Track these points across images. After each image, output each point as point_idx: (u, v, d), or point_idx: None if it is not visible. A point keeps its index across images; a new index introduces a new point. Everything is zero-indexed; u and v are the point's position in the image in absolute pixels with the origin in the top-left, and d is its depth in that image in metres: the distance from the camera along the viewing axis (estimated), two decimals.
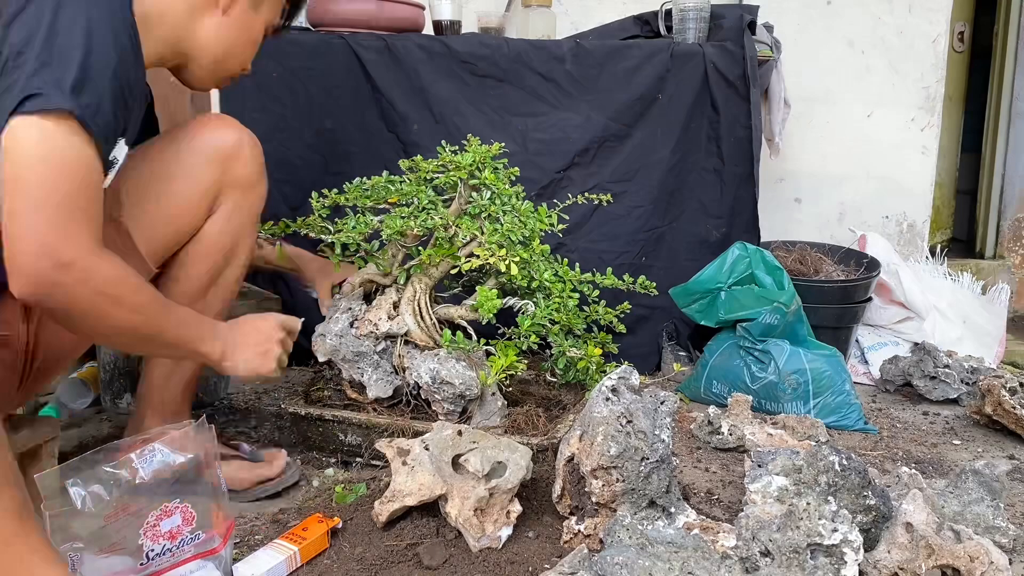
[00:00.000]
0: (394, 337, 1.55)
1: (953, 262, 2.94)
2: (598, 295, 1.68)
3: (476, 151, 1.62)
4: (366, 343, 1.54)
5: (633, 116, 2.14)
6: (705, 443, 1.72)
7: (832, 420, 1.84)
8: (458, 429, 1.30)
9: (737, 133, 2.16)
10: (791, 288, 1.93)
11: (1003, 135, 3.29)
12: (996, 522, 1.21)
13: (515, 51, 2.09)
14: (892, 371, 2.12)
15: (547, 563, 1.19)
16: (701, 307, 2.01)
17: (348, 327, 1.55)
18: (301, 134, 2.09)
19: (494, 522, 1.24)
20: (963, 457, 1.71)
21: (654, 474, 1.20)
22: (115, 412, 1.87)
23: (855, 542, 1.01)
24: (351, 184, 1.63)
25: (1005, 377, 1.85)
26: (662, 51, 2.12)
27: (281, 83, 2.07)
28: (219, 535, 1.11)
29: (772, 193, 2.74)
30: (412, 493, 1.22)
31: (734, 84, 2.13)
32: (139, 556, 1.04)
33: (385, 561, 1.19)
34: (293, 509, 1.39)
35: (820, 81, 2.77)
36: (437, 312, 1.58)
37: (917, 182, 2.85)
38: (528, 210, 1.64)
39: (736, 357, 1.94)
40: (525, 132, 2.12)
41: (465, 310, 1.58)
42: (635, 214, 2.16)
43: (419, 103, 2.09)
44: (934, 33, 2.77)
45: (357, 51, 2.06)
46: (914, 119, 2.82)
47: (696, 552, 1.03)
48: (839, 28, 2.76)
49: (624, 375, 1.31)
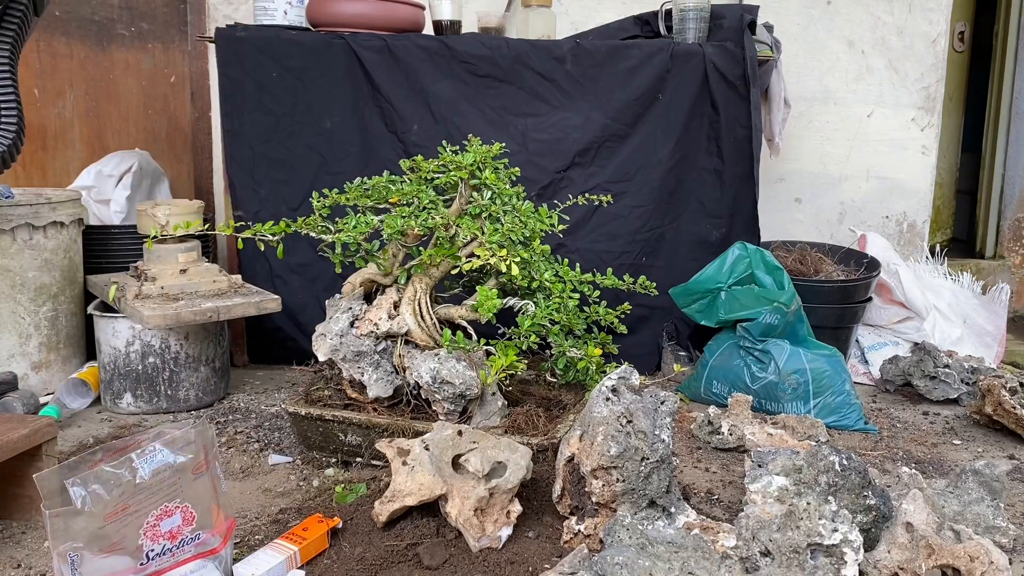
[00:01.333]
0: (394, 337, 1.55)
1: (953, 262, 2.94)
2: (598, 295, 1.68)
3: (477, 151, 1.62)
4: (366, 343, 1.54)
5: (633, 116, 2.14)
6: (705, 443, 1.72)
7: (832, 420, 1.84)
8: (458, 429, 1.30)
9: (737, 133, 2.16)
10: (791, 288, 1.93)
11: (1003, 135, 3.30)
12: (996, 522, 1.21)
13: (515, 51, 2.09)
14: (892, 371, 2.12)
15: (547, 563, 1.19)
16: (701, 307, 2.01)
17: (348, 327, 1.55)
18: (301, 134, 2.09)
19: (494, 522, 1.24)
20: (963, 457, 1.71)
21: (654, 474, 1.20)
22: (115, 412, 1.87)
23: (855, 542, 1.01)
24: (351, 184, 1.63)
25: (1005, 377, 1.85)
26: (662, 51, 2.12)
27: (281, 83, 2.07)
28: (219, 535, 1.10)
29: (772, 193, 2.74)
30: (412, 493, 1.22)
31: (734, 84, 2.13)
32: (139, 556, 1.04)
33: (385, 561, 1.19)
34: (293, 509, 1.39)
35: (820, 81, 2.78)
36: (437, 312, 1.58)
37: (917, 182, 2.85)
38: (528, 210, 1.64)
39: (736, 357, 1.94)
40: (525, 132, 2.12)
41: (465, 310, 1.58)
42: (635, 214, 2.16)
43: (419, 103, 2.09)
44: (934, 33, 2.77)
45: (357, 51, 2.06)
46: (914, 119, 2.82)
47: (696, 552, 1.03)
48: (839, 28, 2.76)
49: (624, 375, 1.31)
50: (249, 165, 2.09)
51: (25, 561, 1.21)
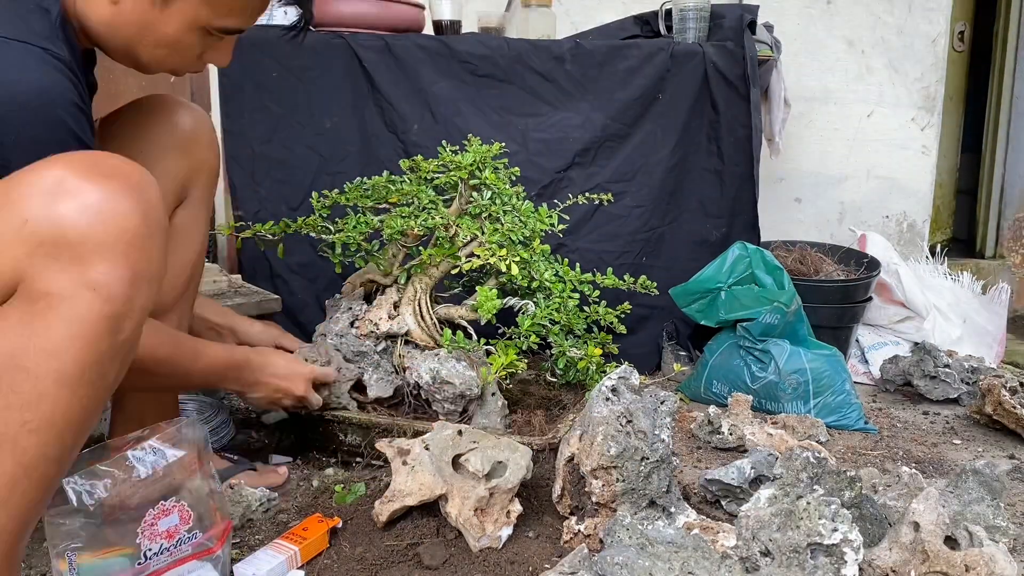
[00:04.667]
0: (394, 337, 1.55)
1: (953, 262, 2.93)
2: (598, 295, 1.68)
3: (477, 151, 1.62)
4: (367, 343, 1.53)
5: (633, 116, 2.14)
6: (705, 443, 1.72)
7: (832, 420, 1.84)
8: (458, 429, 1.29)
9: (737, 133, 2.16)
10: (791, 288, 1.93)
11: (1003, 135, 3.29)
12: (996, 522, 1.21)
13: (515, 51, 2.09)
14: (892, 371, 2.12)
15: (547, 563, 1.19)
16: (701, 307, 2.01)
17: (348, 327, 1.55)
18: (301, 134, 2.09)
19: (494, 522, 1.23)
20: (963, 457, 1.71)
21: (654, 474, 1.19)
22: None
23: (855, 541, 1.00)
24: (351, 184, 1.63)
25: (1005, 377, 1.85)
26: (662, 51, 2.12)
27: (281, 83, 2.07)
28: (216, 536, 1.10)
29: (772, 193, 2.74)
30: (412, 493, 1.22)
31: (734, 84, 2.13)
32: (137, 555, 1.04)
33: (385, 561, 1.19)
34: (293, 509, 1.38)
35: (820, 81, 2.77)
36: (437, 312, 1.58)
37: (917, 182, 2.85)
38: (529, 210, 1.64)
39: (736, 357, 1.94)
40: (525, 132, 2.12)
41: (465, 310, 1.58)
42: (635, 214, 2.16)
43: (419, 103, 2.09)
44: (934, 33, 2.77)
45: (357, 51, 2.06)
46: (914, 119, 2.82)
47: (696, 552, 1.02)
48: (839, 28, 2.76)
49: (624, 375, 1.30)
50: (249, 165, 2.09)
51: (25, 561, 1.21)
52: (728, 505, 1.38)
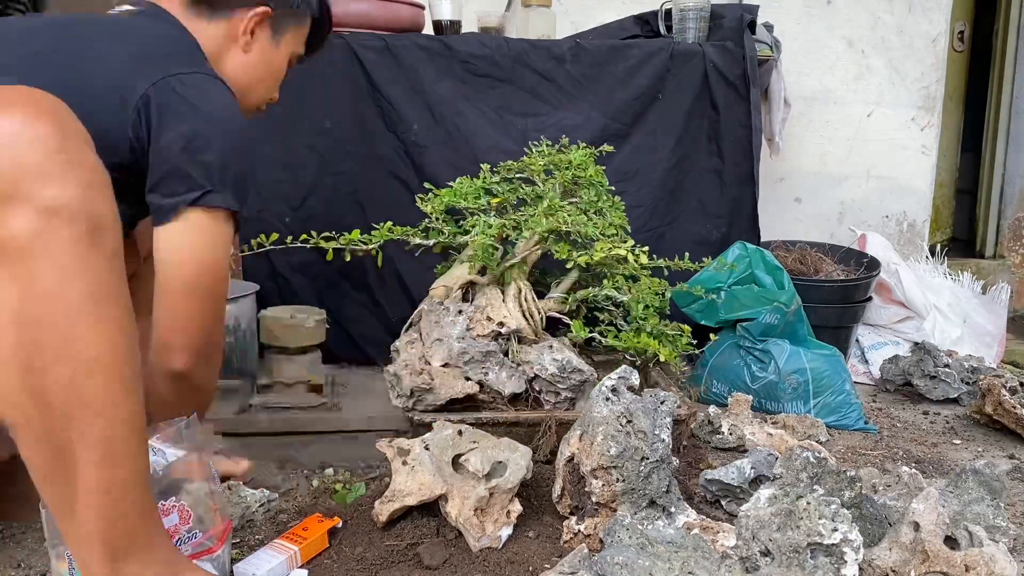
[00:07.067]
0: (506, 335, 1.55)
1: (953, 262, 2.94)
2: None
3: (580, 151, 1.75)
4: (491, 343, 1.53)
5: (633, 116, 2.14)
6: (705, 443, 1.72)
7: (832, 419, 1.84)
8: (458, 429, 1.30)
9: (737, 133, 2.16)
10: (791, 288, 1.93)
11: (1003, 134, 3.30)
12: (996, 521, 1.21)
13: (515, 51, 2.09)
14: (892, 371, 2.12)
15: (547, 563, 1.19)
16: (701, 307, 2.01)
17: (465, 330, 1.54)
18: (301, 134, 2.09)
19: (494, 522, 1.23)
20: (963, 456, 1.71)
21: (654, 474, 1.19)
22: None
23: (855, 541, 1.01)
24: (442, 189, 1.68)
25: (1005, 376, 1.85)
26: (662, 51, 2.12)
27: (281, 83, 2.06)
28: (216, 536, 1.10)
29: (772, 193, 2.74)
30: (412, 493, 1.22)
31: (734, 84, 2.13)
32: None
33: (385, 561, 1.19)
34: (293, 509, 1.38)
35: (820, 81, 2.78)
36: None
37: (917, 182, 2.85)
38: (620, 205, 1.72)
39: (736, 357, 1.94)
40: (525, 132, 2.12)
41: (552, 303, 1.63)
42: (635, 214, 2.16)
43: (419, 103, 2.09)
44: (934, 33, 2.77)
45: (357, 51, 2.06)
46: (914, 119, 2.82)
47: (696, 552, 1.02)
48: (839, 28, 2.76)
49: (624, 375, 1.31)
50: None
51: (25, 561, 1.21)
52: (728, 505, 1.38)
